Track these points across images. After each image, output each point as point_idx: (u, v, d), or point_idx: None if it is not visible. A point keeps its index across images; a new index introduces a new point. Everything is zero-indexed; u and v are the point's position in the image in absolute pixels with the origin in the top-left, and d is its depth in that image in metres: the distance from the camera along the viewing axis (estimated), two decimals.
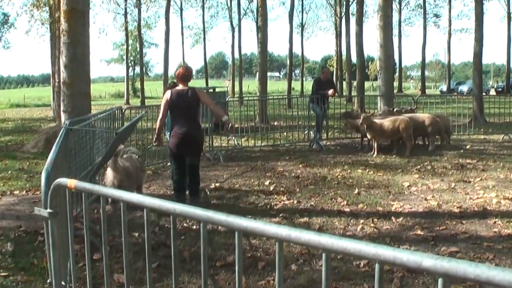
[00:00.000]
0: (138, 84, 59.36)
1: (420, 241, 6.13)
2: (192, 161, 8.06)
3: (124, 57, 59.51)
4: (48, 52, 37.08)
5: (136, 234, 6.49)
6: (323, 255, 1.99)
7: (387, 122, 12.73)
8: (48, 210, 3.47)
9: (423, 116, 13.68)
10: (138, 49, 57.36)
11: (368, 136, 12.97)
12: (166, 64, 38.64)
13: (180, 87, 8.07)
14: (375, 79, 63.90)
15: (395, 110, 14.82)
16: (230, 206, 8.00)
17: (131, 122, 7.41)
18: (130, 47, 60.58)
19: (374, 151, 12.89)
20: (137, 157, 8.62)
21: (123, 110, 11.56)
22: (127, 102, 49.02)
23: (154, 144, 8.39)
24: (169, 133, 8.76)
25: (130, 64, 64.69)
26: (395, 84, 59.92)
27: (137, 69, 68.46)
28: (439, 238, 6.21)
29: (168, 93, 8.00)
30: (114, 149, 7.13)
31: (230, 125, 8.12)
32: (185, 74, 8.10)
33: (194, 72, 8.65)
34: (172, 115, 8.01)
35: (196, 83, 74.20)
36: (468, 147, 14.05)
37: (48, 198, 3.47)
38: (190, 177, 8.09)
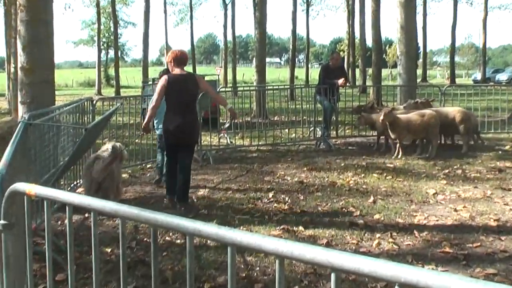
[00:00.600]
0: (112, 71, 59.24)
1: (448, 260, 6.12)
2: (185, 157, 8.44)
3: (95, 38, 59.38)
4: (1, 32, 37.05)
5: (109, 250, 6.47)
6: (332, 275, 1.97)
7: (414, 117, 12.60)
8: (2, 222, 3.44)
9: (453, 110, 13.55)
10: (112, 29, 57.27)
11: (391, 135, 12.76)
12: (146, 47, 38.66)
13: (177, 71, 8.40)
14: (394, 66, 64.00)
15: (414, 102, 14.70)
16: (222, 217, 7.99)
17: (104, 116, 7.39)
18: (102, 27, 60.51)
19: (397, 152, 12.82)
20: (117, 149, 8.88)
21: (94, 102, 11.54)
22: (99, 92, 48.97)
23: (142, 133, 8.83)
24: (156, 125, 9.39)
25: (102, 47, 64.56)
26: (418, 72, 60.17)
27: (111, 52, 68.36)
28: (472, 257, 6.20)
29: (164, 78, 8.32)
30: (83, 148, 7.12)
31: (233, 115, 8.88)
32: (182, 57, 8.46)
33: None
34: (167, 102, 8.35)
35: None
36: (507, 147, 14.05)
37: (1, 207, 3.44)
38: (180, 176, 8.39)
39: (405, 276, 1.74)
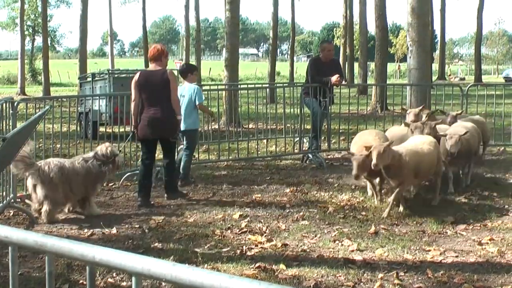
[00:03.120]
0: (39, 64, 58.94)
1: None
2: (165, 148, 11.01)
3: (18, 21, 59.09)
4: None
5: None
6: None
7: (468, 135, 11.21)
8: None
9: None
10: (39, 9, 57.02)
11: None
12: (84, 33, 38.55)
13: (151, 67, 10.84)
14: (404, 59, 64.50)
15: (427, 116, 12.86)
16: (181, 252, 7.98)
17: (28, 122, 7.34)
18: (27, 6, 60.22)
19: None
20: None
21: (16, 104, 11.46)
22: (22, 92, 48.68)
23: (133, 131, 11.33)
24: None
25: (27, 32, 64.35)
26: (434, 67, 60.69)
27: (38, 40, 68.09)
28: None
29: (136, 75, 10.89)
30: (2, 162, 7.07)
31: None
32: (154, 53, 10.78)
33: (128, 46, 9.27)
34: (141, 98, 10.73)
35: (131, 63, 74.22)
36: None
37: None
38: (165, 169, 11.04)
39: None
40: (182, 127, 11.80)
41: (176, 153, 12.14)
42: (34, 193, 9.62)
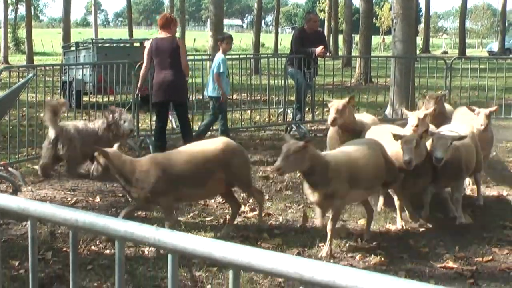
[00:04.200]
0: (22, 33, 58.51)
1: (452, 278, 6.23)
2: (180, 112, 11.73)
3: None
4: None
5: (16, 263, 6.41)
6: None
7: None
8: None
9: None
10: None
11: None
12: (68, 3, 38.25)
13: (162, 35, 11.48)
14: (388, 32, 64.50)
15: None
16: (163, 221, 7.97)
17: (11, 90, 7.32)
18: None
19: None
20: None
21: None
22: (5, 60, 48.32)
23: (137, 94, 12.50)
24: (212, 91, 12.63)
25: (10, 1, 63.70)
26: (419, 40, 60.68)
27: (22, 9, 67.56)
28: (482, 275, 6.32)
29: (148, 42, 11.73)
30: None
31: None
32: (163, 21, 11.50)
33: (112, 16, 9.13)
34: (154, 63, 11.47)
35: (115, 33, 73.75)
36: None
37: None
38: (181, 133, 11.88)
39: None
40: (206, 93, 13.26)
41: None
42: (52, 149, 9.52)
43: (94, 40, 21.80)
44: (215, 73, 12.60)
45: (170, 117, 14.86)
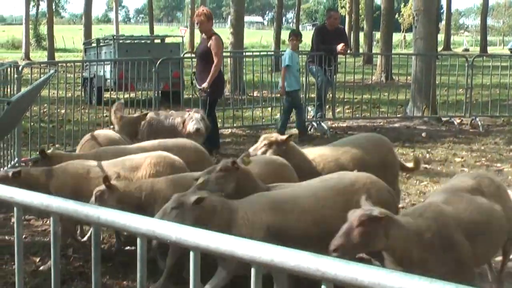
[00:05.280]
0: (44, 29, 58.75)
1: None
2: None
3: None
4: None
5: (37, 259, 6.44)
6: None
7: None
8: None
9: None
10: None
11: None
12: None
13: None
14: (409, 30, 64.15)
15: None
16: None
17: (33, 86, 7.33)
18: None
19: None
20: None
21: (20, 68, 11.44)
22: (27, 56, 48.54)
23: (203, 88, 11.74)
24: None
25: None
26: (440, 38, 60.37)
27: (43, 5, 67.79)
28: (503, 274, 6.27)
29: (218, 38, 11.88)
30: (5, 127, 7.06)
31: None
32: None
33: (133, 12, 9.07)
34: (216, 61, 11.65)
35: (136, 29, 73.88)
36: None
37: None
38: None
39: None
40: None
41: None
42: None
43: (115, 37, 21.91)
44: (282, 67, 13.23)
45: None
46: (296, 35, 13.78)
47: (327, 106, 15.55)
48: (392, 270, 1.91)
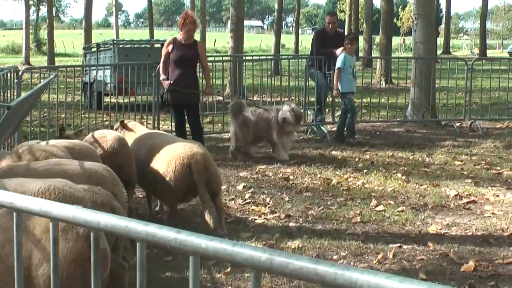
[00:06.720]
0: (44, 34, 58.78)
1: (473, 280, 6.18)
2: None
3: None
4: None
5: None
6: None
7: None
8: None
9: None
10: None
11: None
12: (89, 4, 38.35)
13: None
14: (409, 33, 64.14)
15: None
16: (184, 223, 7.96)
17: (33, 91, 7.34)
18: None
19: None
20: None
21: (20, 73, 11.46)
22: (27, 61, 48.57)
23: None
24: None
25: (32, 2, 64.03)
26: (440, 41, 60.39)
27: (43, 10, 67.84)
28: (503, 277, 6.27)
29: None
30: (5, 132, 7.06)
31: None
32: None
33: (133, 17, 8.97)
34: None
35: (136, 34, 73.95)
36: None
37: None
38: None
39: None
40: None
41: None
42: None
43: (115, 41, 21.94)
44: (335, 69, 13.48)
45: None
46: (351, 39, 13.96)
47: (327, 110, 15.55)
48: (391, 275, 1.91)
